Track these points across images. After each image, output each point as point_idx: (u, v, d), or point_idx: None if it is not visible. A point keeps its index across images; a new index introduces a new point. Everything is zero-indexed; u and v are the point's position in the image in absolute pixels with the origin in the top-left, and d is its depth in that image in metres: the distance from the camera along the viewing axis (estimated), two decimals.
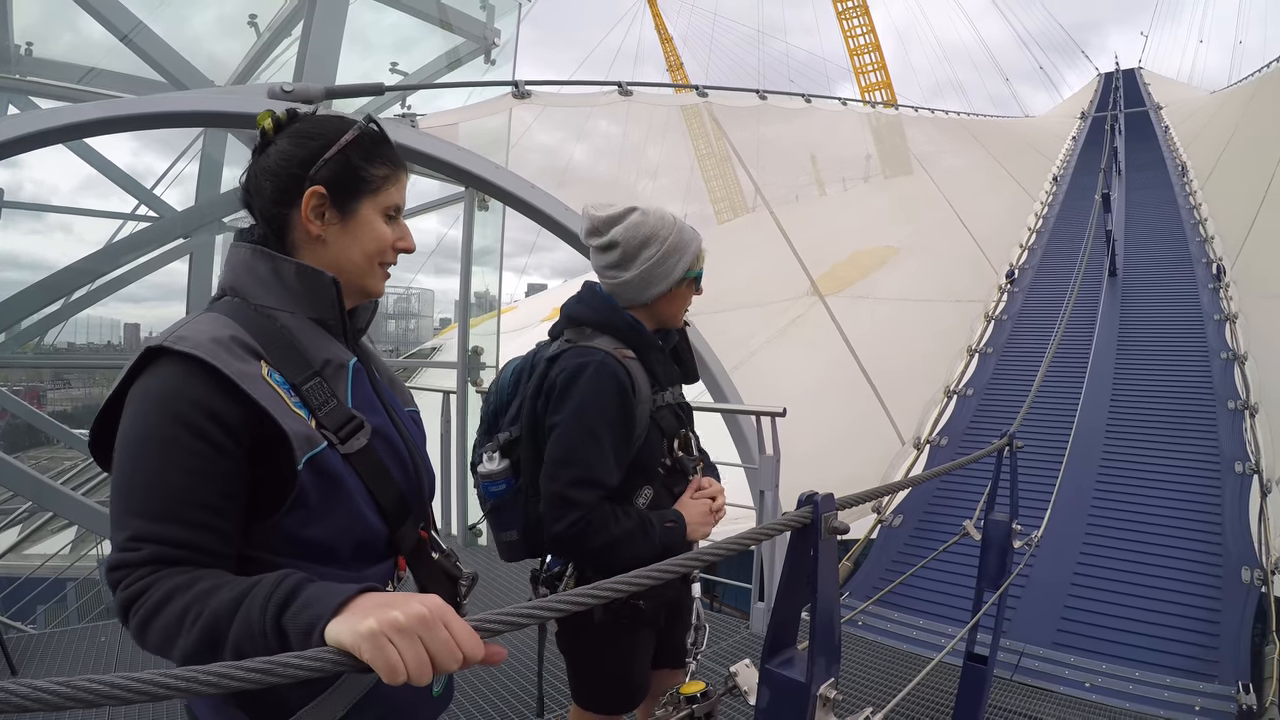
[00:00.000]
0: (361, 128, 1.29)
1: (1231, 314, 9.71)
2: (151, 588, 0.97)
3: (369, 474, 1.21)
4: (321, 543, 1.15)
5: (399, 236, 1.34)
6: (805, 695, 1.35)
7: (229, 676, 0.62)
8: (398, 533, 1.27)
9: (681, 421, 2.02)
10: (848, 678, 4.18)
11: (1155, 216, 14.92)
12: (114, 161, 9.16)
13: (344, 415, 1.20)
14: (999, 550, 3.02)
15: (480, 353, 6.64)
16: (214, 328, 1.11)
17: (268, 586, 0.92)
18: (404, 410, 1.41)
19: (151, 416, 1.05)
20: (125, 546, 1.00)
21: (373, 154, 1.29)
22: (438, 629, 0.80)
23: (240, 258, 1.25)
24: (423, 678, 0.78)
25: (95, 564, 8.32)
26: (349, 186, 1.26)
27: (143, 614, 0.96)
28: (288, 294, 1.23)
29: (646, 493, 1.90)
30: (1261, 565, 5.63)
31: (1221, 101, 22.49)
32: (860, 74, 46.22)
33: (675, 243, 1.94)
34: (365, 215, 1.28)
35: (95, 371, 14.93)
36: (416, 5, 8.63)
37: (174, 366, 1.06)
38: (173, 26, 7.93)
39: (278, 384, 1.13)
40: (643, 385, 1.87)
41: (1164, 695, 4.67)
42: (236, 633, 0.90)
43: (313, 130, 1.27)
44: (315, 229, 1.24)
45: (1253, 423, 7.44)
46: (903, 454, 8.64)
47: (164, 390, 1.06)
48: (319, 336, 1.25)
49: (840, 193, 13.99)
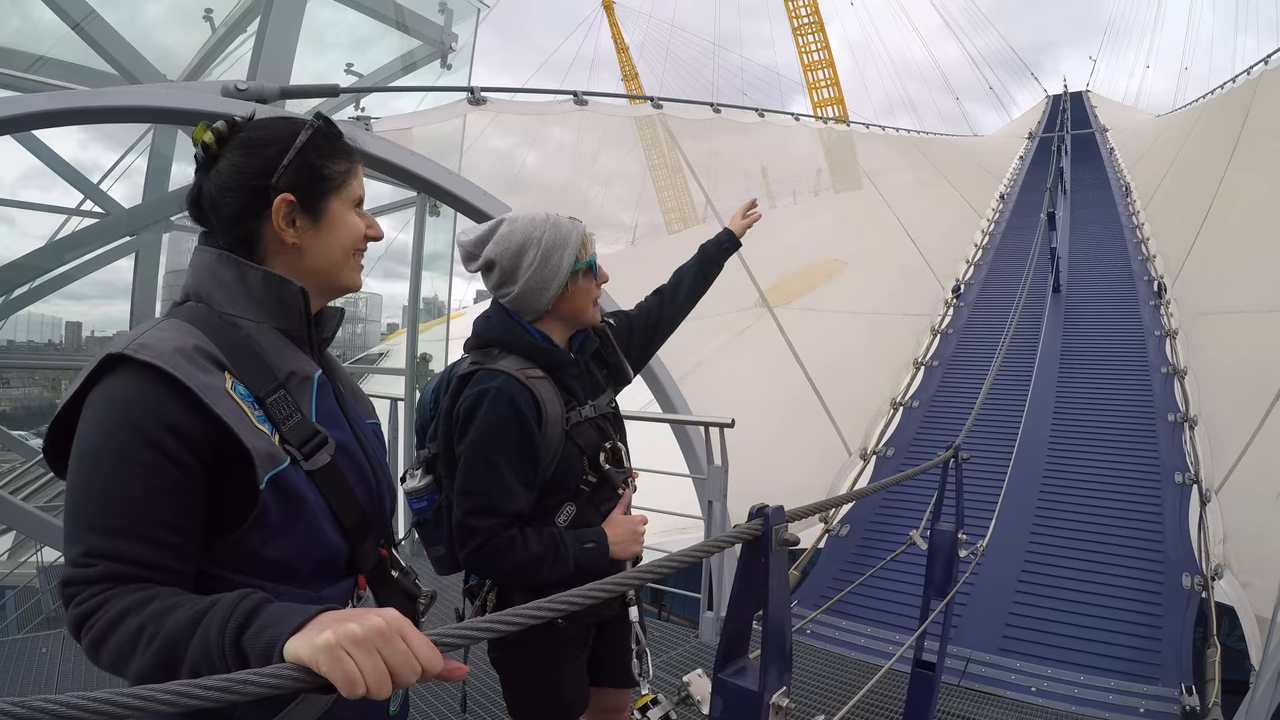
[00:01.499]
0: (313, 125, 1.27)
1: (1172, 330, 10.01)
2: (105, 605, 0.94)
3: (331, 491, 1.19)
4: (282, 561, 1.13)
5: (369, 225, 1.33)
6: (758, 704, 1.37)
7: (187, 694, 0.62)
8: (359, 551, 1.25)
9: (606, 434, 1.97)
10: (798, 686, 4.23)
11: (1099, 235, 15.33)
12: (59, 153, 8.91)
13: (308, 430, 1.17)
14: (945, 559, 3.08)
15: (429, 360, 6.57)
16: (177, 336, 1.08)
17: (225, 607, 0.90)
18: (366, 423, 1.39)
19: (107, 427, 1.01)
20: (79, 562, 0.97)
21: (329, 150, 1.28)
22: (395, 641, 0.80)
23: (204, 262, 1.22)
24: (381, 690, 0.78)
25: (34, 572, 8.06)
26: (314, 187, 1.24)
27: (96, 632, 0.94)
28: (253, 302, 1.20)
29: (568, 510, 1.89)
30: (1201, 571, 5.80)
31: (1166, 125, 23.15)
32: (813, 89, 46.87)
33: (552, 240, 1.88)
34: (336, 212, 1.27)
35: (35, 371, 14.47)
36: (373, 6, 8.54)
37: (134, 376, 1.03)
38: (125, 16, 7.74)
39: (241, 397, 1.10)
40: (552, 406, 1.84)
41: (1109, 698, 4.78)
42: (194, 654, 0.88)
43: (263, 138, 1.23)
44: (290, 237, 1.22)
45: (1192, 435, 7.68)
46: (850, 464, 8.74)
47: (121, 400, 1.02)
48: (284, 347, 1.22)
49: (790, 206, 14.10)
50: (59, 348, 12.51)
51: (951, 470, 3.16)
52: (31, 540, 7.75)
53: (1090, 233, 15.53)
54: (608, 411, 2.01)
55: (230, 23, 8.51)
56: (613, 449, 1.96)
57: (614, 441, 1.98)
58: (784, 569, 1.38)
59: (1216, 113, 15.32)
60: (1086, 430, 8.37)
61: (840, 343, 11.04)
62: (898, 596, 6.07)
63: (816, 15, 45.99)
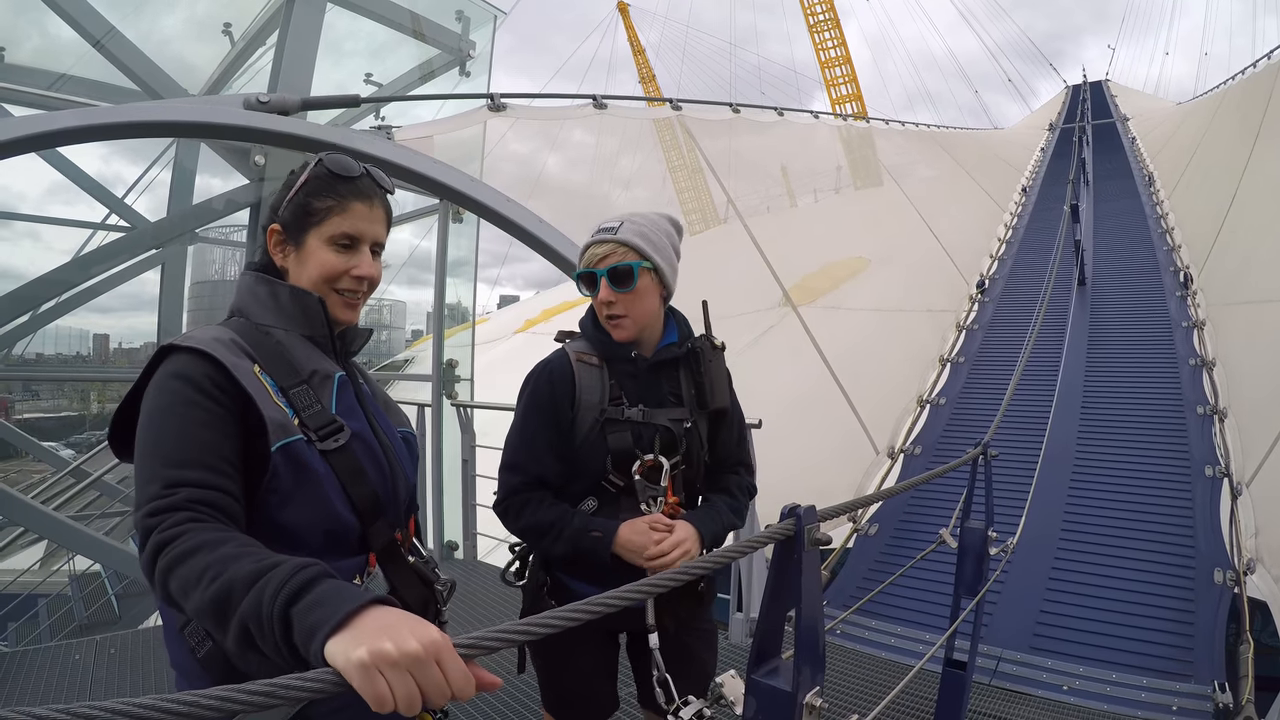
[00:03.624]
0: (312, 168, 1.43)
1: (1199, 320, 9.88)
2: (182, 536, 1.04)
3: (344, 470, 1.31)
4: (293, 528, 1.25)
5: (352, 265, 1.43)
6: (792, 704, 1.36)
7: (230, 700, 0.62)
8: (369, 529, 1.35)
9: (647, 445, 1.89)
10: (829, 686, 4.20)
11: (1123, 226, 15.17)
12: (83, 168, 9.01)
13: (325, 418, 1.33)
14: (976, 557, 3.05)
15: (455, 365, 6.57)
16: (216, 333, 1.29)
17: (285, 572, 0.95)
18: (391, 426, 1.52)
19: (174, 386, 1.20)
20: (161, 494, 1.10)
21: (319, 189, 1.42)
22: (429, 667, 0.82)
23: (245, 283, 1.43)
24: (411, 709, 0.80)
25: (66, 580, 8.17)
26: (298, 221, 1.41)
27: (170, 560, 1.02)
28: (283, 314, 1.40)
29: (590, 503, 1.90)
30: (1233, 566, 5.72)
31: (1188, 112, 22.92)
32: (831, 86, 46.65)
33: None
34: (310, 245, 1.41)
35: (64, 383, 14.69)
36: (389, 16, 8.57)
37: (183, 356, 1.23)
38: (145, 32, 7.83)
39: (267, 383, 1.28)
40: (590, 392, 1.90)
41: (1141, 696, 4.73)
42: (245, 607, 0.93)
43: (290, 179, 1.45)
44: (279, 260, 1.44)
45: (1221, 427, 7.57)
46: (877, 463, 8.70)
47: (175, 371, 1.21)
48: (310, 351, 1.40)
49: (811, 204, 14.06)
50: (87, 360, 12.67)
51: (981, 467, 3.13)
52: (63, 549, 7.85)
53: (1114, 224, 15.37)
54: (666, 425, 1.92)
55: (250, 36, 8.57)
56: (654, 463, 1.89)
57: (657, 456, 1.89)
58: (816, 569, 1.38)
59: (1238, 98, 15.14)
60: (1115, 424, 8.28)
61: (865, 340, 10.99)
62: (927, 596, 6.03)
63: (832, 11, 45.80)
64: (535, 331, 17.33)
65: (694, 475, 1.99)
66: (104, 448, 10.24)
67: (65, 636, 6.48)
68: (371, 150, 4.50)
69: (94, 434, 13.01)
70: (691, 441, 1.95)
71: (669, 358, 1.98)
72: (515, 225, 4.98)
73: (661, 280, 1.96)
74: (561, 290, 20.33)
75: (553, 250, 4.79)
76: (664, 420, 1.92)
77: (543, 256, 5.01)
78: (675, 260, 2.01)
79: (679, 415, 1.95)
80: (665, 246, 1.97)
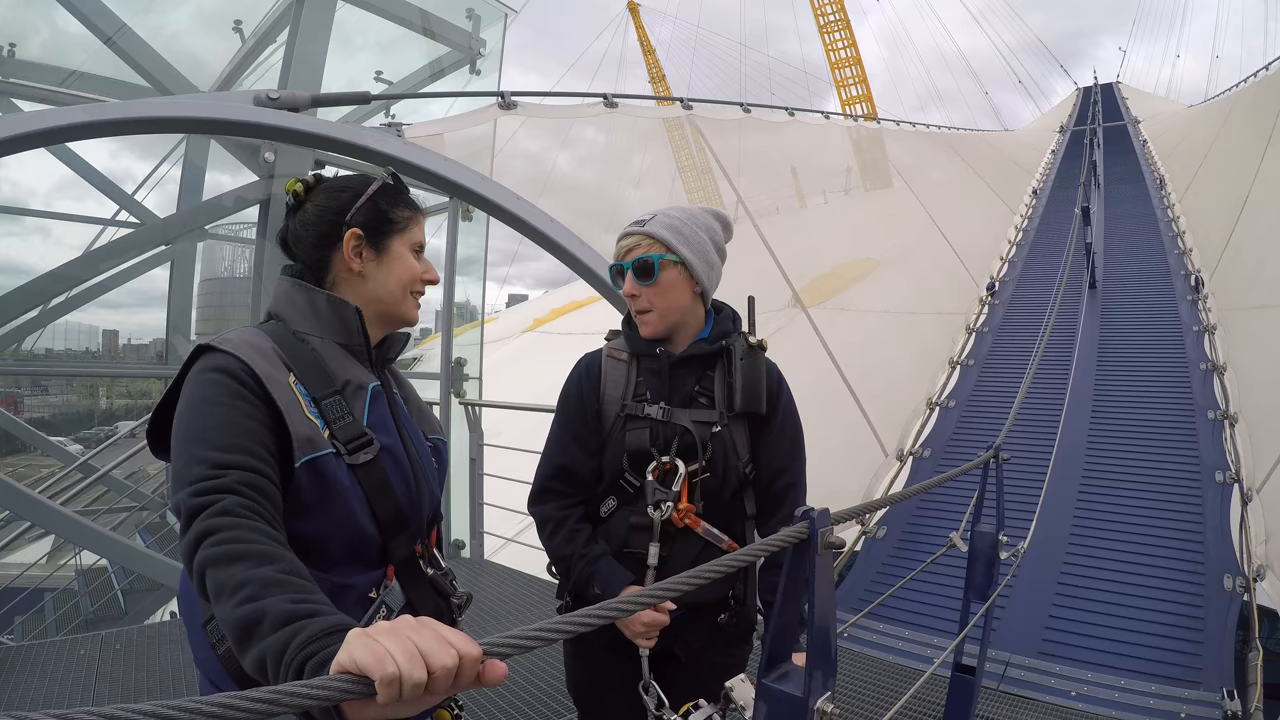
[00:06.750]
0: (383, 179, 1.54)
1: (1210, 325, 9.83)
2: (229, 530, 1.05)
3: (370, 485, 1.34)
4: (314, 538, 1.27)
5: (425, 270, 1.56)
6: (803, 709, 1.34)
7: (233, 707, 0.60)
8: (391, 543, 1.37)
9: (664, 445, 1.82)
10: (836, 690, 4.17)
11: (1134, 229, 15.10)
12: (93, 164, 9.03)
13: (356, 431, 1.35)
14: (986, 562, 3.03)
15: (463, 364, 6.56)
16: (253, 338, 1.33)
17: (319, 629, 0.91)
18: (420, 437, 1.56)
19: (216, 379, 1.24)
20: (210, 475, 1.12)
21: (396, 200, 1.53)
22: (425, 629, 0.80)
23: (282, 289, 1.48)
24: (414, 669, 0.75)
25: (73, 575, 8.19)
26: (381, 227, 1.49)
27: (210, 556, 1.02)
28: (320, 321, 1.44)
29: (609, 503, 1.89)
30: (1243, 573, 5.68)
31: (1199, 115, 22.80)
32: (841, 87, 46.61)
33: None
34: (396, 250, 1.51)
35: (73, 379, 14.73)
36: (399, 13, 8.57)
37: (219, 355, 1.27)
38: (155, 28, 7.83)
39: (300, 393, 1.30)
40: (613, 386, 1.91)
41: (1150, 703, 4.70)
42: (270, 644, 0.91)
43: (343, 185, 1.51)
44: (355, 265, 1.47)
45: (1232, 432, 7.53)
46: (886, 465, 8.67)
47: (222, 364, 1.25)
48: (345, 359, 1.44)
49: (821, 205, 14.03)
50: (96, 356, 12.69)
51: (992, 471, 3.10)
52: (70, 544, 7.88)
53: (1125, 227, 15.30)
54: (687, 427, 1.82)
55: (260, 33, 8.58)
56: (669, 466, 1.82)
57: (673, 459, 1.81)
58: (829, 572, 1.35)
59: (1250, 101, 15.05)
60: (1125, 429, 8.24)
61: (874, 342, 10.97)
62: (935, 599, 6.00)
63: (842, 12, 45.80)
64: (544, 331, 17.35)
65: (720, 485, 1.84)
66: (112, 443, 10.28)
67: (71, 631, 6.50)
68: (382, 148, 4.49)
69: (102, 429, 13.03)
70: (719, 448, 1.83)
71: (696, 354, 1.88)
72: (525, 224, 4.97)
73: (692, 275, 1.86)
74: (571, 289, 20.35)
75: (563, 249, 4.78)
76: (686, 421, 1.83)
77: (553, 255, 5.01)
78: (713, 256, 1.93)
79: (707, 418, 1.84)
80: (701, 241, 1.88)
